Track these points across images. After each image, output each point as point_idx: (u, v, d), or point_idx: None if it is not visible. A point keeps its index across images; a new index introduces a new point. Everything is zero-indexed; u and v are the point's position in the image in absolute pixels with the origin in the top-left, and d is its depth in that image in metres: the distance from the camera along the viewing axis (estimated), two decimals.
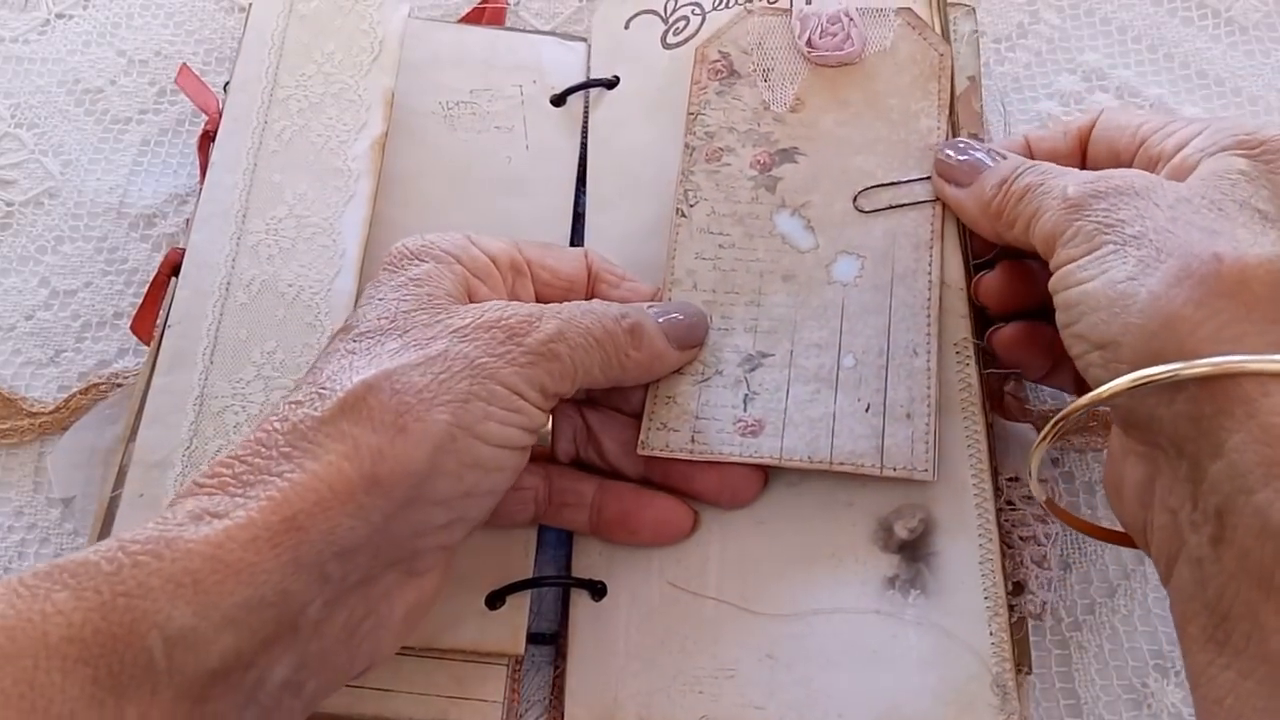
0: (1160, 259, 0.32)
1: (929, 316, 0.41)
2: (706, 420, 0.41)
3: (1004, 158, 0.40)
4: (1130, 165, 0.39)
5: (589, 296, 0.41)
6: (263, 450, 0.31)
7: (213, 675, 0.28)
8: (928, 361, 0.40)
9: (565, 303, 0.38)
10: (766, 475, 0.41)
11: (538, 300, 0.40)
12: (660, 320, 0.40)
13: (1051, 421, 0.34)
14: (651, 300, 0.42)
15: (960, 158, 0.42)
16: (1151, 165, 0.37)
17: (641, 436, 0.41)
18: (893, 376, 0.40)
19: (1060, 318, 0.35)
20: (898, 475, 0.39)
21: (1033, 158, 0.40)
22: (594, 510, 0.40)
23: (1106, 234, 0.33)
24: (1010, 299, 0.41)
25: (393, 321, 0.35)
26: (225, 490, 0.30)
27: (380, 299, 0.36)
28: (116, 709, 0.26)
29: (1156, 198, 0.34)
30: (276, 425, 0.32)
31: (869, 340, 0.41)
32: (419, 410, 0.32)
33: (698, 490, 0.41)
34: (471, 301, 0.37)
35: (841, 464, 0.39)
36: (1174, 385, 0.30)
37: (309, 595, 0.30)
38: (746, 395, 0.41)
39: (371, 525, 0.30)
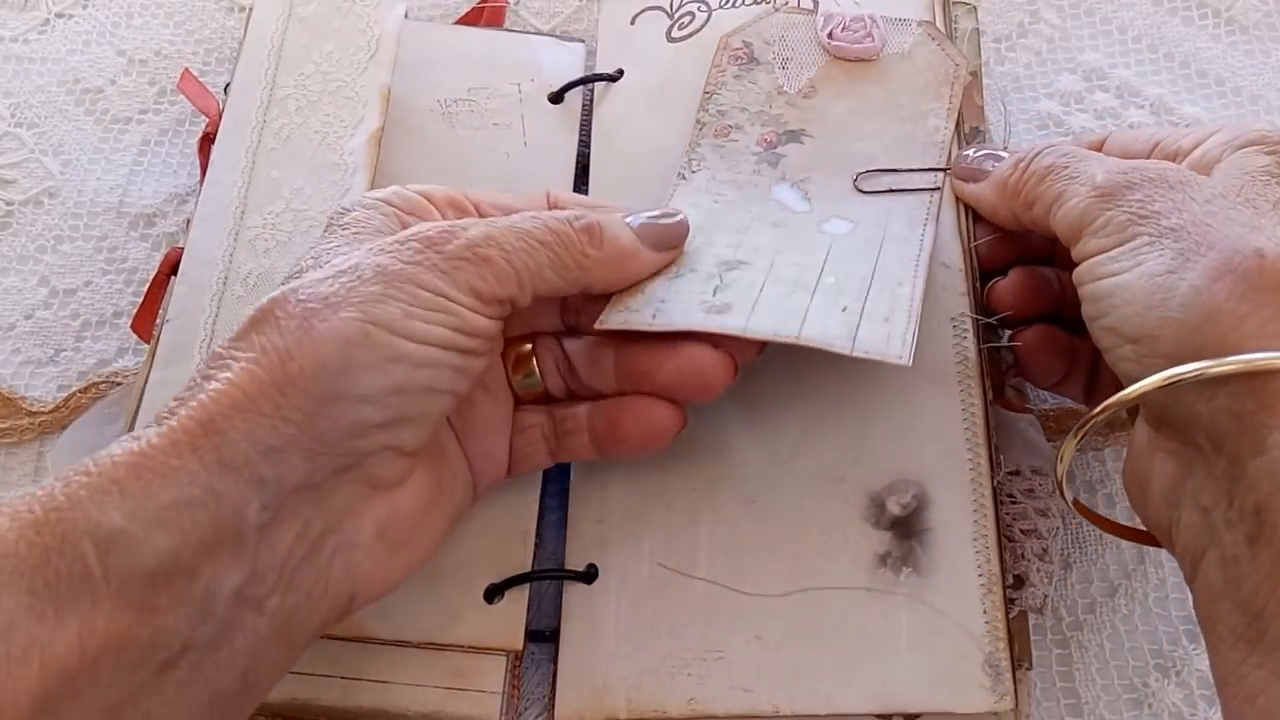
0: (1200, 252, 0.31)
1: (917, 263, 0.40)
2: (670, 303, 0.38)
3: None
4: None
5: None
6: (192, 383, 0.31)
7: (151, 578, 0.28)
8: (912, 290, 0.39)
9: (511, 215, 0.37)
10: (736, 366, 0.38)
11: None
12: (632, 223, 0.39)
13: (1085, 417, 0.33)
14: None
15: (978, 154, 0.42)
16: (1168, 160, 0.37)
17: (601, 316, 0.38)
18: (874, 294, 0.39)
19: (1088, 310, 0.34)
20: (870, 357, 0.36)
21: None
22: (591, 432, 0.39)
23: (1140, 225, 0.33)
24: (1024, 305, 0.41)
25: (315, 259, 0.34)
26: (158, 421, 0.30)
27: (311, 249, 0.35)
28: (57, 619, 0.26)
29: (1192, 191, 0.33)
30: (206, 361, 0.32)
31: (853, 270, 0.40)
32: (325, 313, 0.31)
33: (663, 384, 0.38)
34: None
35: (810, 340, 0.37)
36: (1216, 381, 0.30)
37: (243, 496, 0.29)
38: (718, 286, 0.39)
39: (294, 423, 0.30)
